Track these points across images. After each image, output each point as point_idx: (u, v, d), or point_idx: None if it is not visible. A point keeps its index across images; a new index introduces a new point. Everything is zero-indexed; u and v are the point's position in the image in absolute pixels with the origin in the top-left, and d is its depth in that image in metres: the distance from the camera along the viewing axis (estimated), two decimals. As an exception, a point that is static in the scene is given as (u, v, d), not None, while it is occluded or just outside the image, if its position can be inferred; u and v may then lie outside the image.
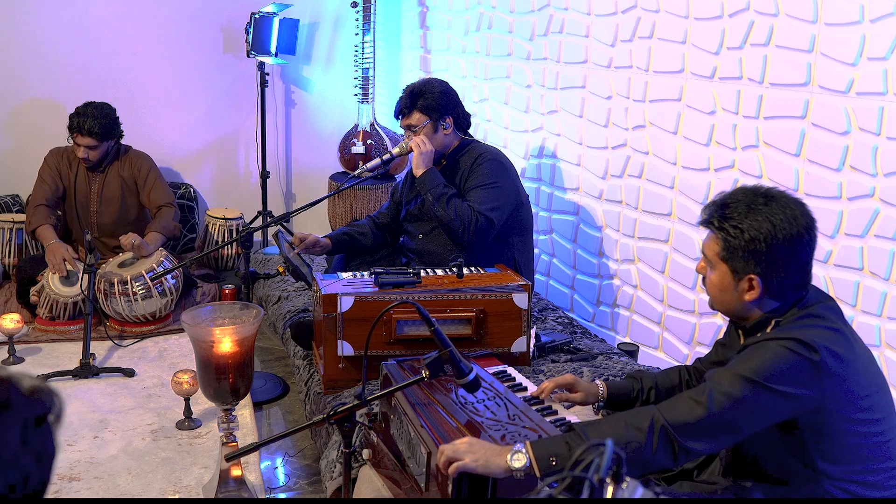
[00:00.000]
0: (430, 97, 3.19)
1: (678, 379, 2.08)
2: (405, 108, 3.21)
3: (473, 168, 3.18)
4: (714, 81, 2.95)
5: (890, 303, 2.44)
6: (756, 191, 1.75)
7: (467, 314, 2.66)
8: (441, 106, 3.20)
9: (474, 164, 3.19)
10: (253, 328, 2.48)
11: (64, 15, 4.55)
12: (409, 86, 3.27)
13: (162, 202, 4.13)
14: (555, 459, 1.66)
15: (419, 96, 3.20)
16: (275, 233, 3.27)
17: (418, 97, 3.20)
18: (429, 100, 3.18)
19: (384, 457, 2.16)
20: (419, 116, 3.19)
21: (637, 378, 2.10)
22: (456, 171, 3.24)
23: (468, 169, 3.20)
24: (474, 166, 3.19)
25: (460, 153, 3.26)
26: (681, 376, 2.09)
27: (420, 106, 3.19)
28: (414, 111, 3.20)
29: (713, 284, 1.81)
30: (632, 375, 2.12)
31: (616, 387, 2.09)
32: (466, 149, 3.27)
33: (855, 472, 1.69)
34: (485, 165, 3.17)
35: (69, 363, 3.50)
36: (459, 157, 3.26)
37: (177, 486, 2.68)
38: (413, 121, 3.20)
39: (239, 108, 4.99)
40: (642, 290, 3.41)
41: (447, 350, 1.90)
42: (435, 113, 3.19)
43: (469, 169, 3.20)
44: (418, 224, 3.30)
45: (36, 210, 4.02)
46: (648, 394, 2.06)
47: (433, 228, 3.23)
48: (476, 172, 3.17)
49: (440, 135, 3.22)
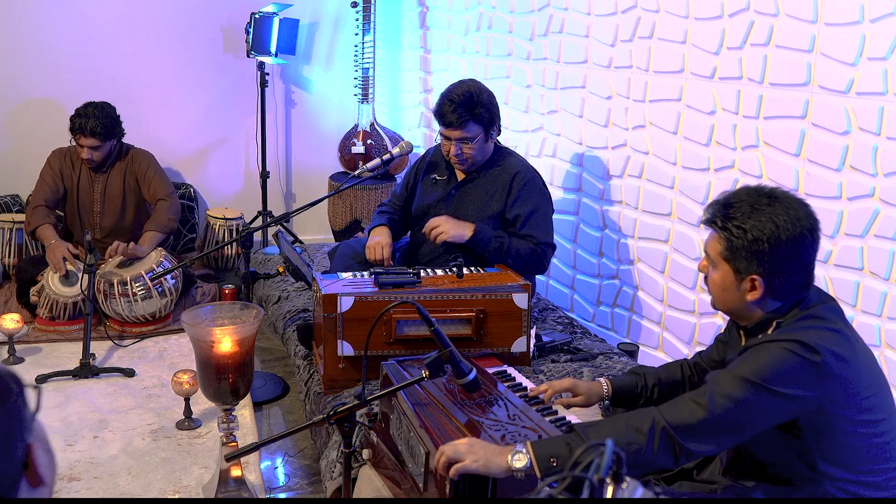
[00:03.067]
0: (486, 106, 2.99)
1: (680, 374, 2.09)
2: (461, 119, 2.96)
3: (517, 187, 3.05)
4: (714, 81, 2.95)
5: (890, 303, 2.44)
6: (760, 191, 1.75)
7: (467, 314, 2.66)
8: (492, 118, 3.03)
9: (515, 181, 3.06)
10: (253, 328, 2.47)
11: (64, 15, 4.55)
12: (455, 94, 3.00)
13: (161, 195, 4.13)
14: (555, 460, 1.66)
15: (476, 105, 2.98)
16: (275, 233, 3.27)
17: (476, 106, 2.97)
18: (485, 110, 2.99)
19: (384, 457, 2.16)
20: (475, 128, 3.00)
21: (640, 374, 2.09)
22: (492, 180, 3.11)
23: (508, 184, 3.07)
24: (517, 184, 3.05)
25: (496, 163, 3.13)
26: (682, 371, 2.09)
27: (477, 116, 2.98)
28: (471, 122, 2.98)
29: (715, 284, 1.81)
30: (633, 371, 2.12)
31: (620, 384, 2.09)
32: (502, 159, 3.14)
33: (856, 473, 1.69)
34: (530, 188, 3.06)
35: (69, 363, 3.50)
36: (496, 166, 3.13)
37: (177, 486, 2.68)
38: (470, 133, 3.00)
39: (239, 108, 4.99)
40: (642, 290, 3.41)
41: (447, 350, 1.90)
42: (489, 126, 3.03)
43: (510, 185, 3.06)
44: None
45: (35, 210, 4.02)
46: (652, 390, 2.06)
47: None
48: (524, 195, 3.05)
49: (490, 145, 3.09)
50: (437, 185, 3.23)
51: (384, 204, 3.40)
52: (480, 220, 3.10)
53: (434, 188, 3.24)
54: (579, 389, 2.09)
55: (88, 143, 3.94)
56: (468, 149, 3.04)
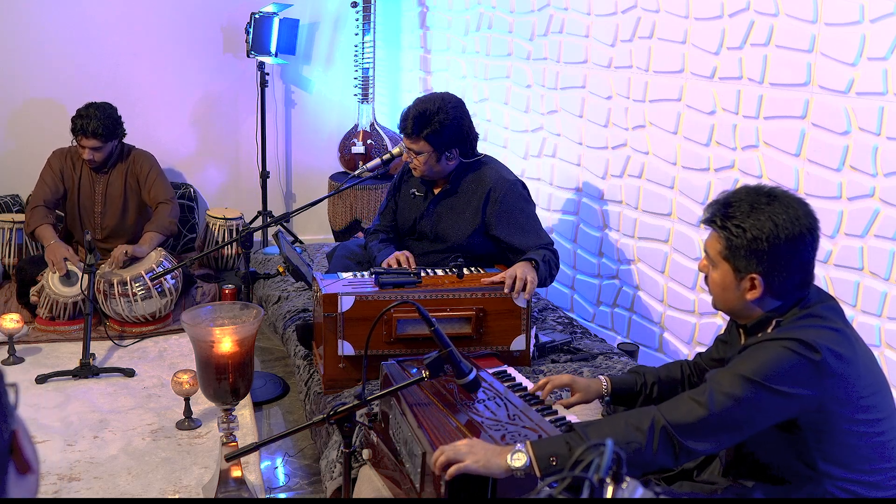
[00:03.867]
0: (439, 128, 2.94)
1: (680, 374, 2.09)
2: (411, 131, 2.98)
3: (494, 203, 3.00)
4: (714, 81, 2.95)
5: (890, 303, 2.44)
6: (759, 190, 1.75)
7: (467, 312, 2.67)
8: (449, 140, 2.98)
9: (492, 197, 3.00)
10: (253, 328, 2.47)
11: (64, 16, 4.55)
12: (418, 104, 3.01)
13: (161, 199, 4.13)
14: (555, 459, 1.66)
15: (427, 125, 2.95)
16: (275, 233, 3.27)
17: (427, 126, 2.95)
18: (437, 132, 2.94)
19: (384, 457, 2.16)
20: (423, 144, 2.98)
21: (640, 373, 2.10)
22: (467, 195, 3.07)
23: (484, 199, 3.02)
24: (494, 200, 3.00)
25: (466, 175, 3.08)
26: (682, 371, 2.09)
27: (426, 135, 2.96)
28: (419, 139, 2.97)
29: (715, 283, 1.81)
30: (634, 370, 2.13)
31: (620, 381, 2.09)
32: (474, 171, 3.08)
33: (856, 473, 1.69)
34: (510, 200, 3.01)
35: (69, 363, 3.50)
36: (466, 178, 3.08)
37: (177, 486, 2.68)
38: (417, 147, 2.99)
39: (239, 108, 4.99)
40: (642, 290, 3.41)
41: (447, 350, 1.90)
42: (442, 147, 2.98)
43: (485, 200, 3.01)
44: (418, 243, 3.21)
45: (34, 210, 4.02)
46: (651, 389, 2.06)
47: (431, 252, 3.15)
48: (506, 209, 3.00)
49: (442, 163, 3.03)
50: (416, 201, 3.20)
51: (375, 229, 3.31)
52: (459, 234, 3.07)
53: (413, 203, 3.21)
54: (578, 386, 2.08)
55: (90, 144, 3.94)
56: (417, 160, 3.02)
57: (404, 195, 3.26)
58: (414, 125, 2.97)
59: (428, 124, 2.95)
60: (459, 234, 3.08)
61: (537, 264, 2.86)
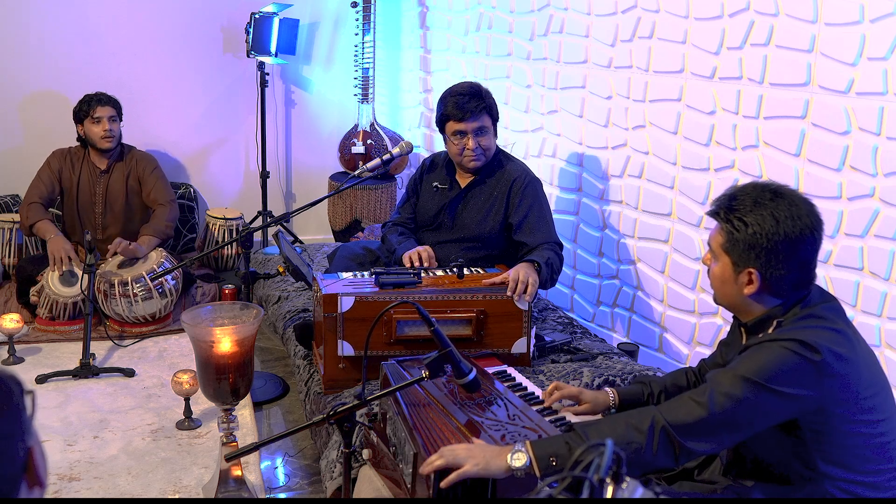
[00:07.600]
0: (493, 102, 3.06)
1: (685, 381, 2.08)
2: (476, 109, 2.99)
3: (516, 193, 3.07)
4: (714, 81, 2.95)
5: (890, 303, 2.44)
6: (766, 186, 1.76)
7: (468, 314, 2.66)
8: (497, 115, 3.11)
9: (514, 188, 3.07)
10: (253, 328, 2.47)
11: (64, 16, 4.55)
12: (463, 87, 3.06)
13: (161, 200, 4.14)
14: (555, 459, 1.66)
15: (486, 96, 3.03)
16: (275, 233, 3.27)
17: (486, 97, 3.03)
18: (492, 105, 3.05)
19: (384, 457, 2.16)
20: (487, 119, 3.03)
21: (646, 383, 2.09)
22: (492, 187, 3.13)
23: (507, 191, 3.08)
24: (516, 190, 3.07)
25: (496, 168, 3.14)
26: (688, 378, 2.09)
27: (489, 107, 3.03)
28: (485, 112, 3.02)
29: (715, 276, 1.82)
30: (640, 381, 2.12)
31: (627, 393, 2.09)
32: (501, 164, 3.15)
33: (856, 473, 1.69)
34: (529, 191, 3.07)
35: (69, 363, 3.50)
36: (496, 171, 3.14)
37: (177, 486, 2.68)
38: (482, 124, 3.02)
39: (239, 108, 4.99)
40: (642, 290, 3.41)
41: (447, 350, 1.90)
42: (495, 122, 3.09)
43: (509, 192, 3.08)
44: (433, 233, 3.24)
45: (31, 207, 4.01)
46: (658, 398, 2.05)
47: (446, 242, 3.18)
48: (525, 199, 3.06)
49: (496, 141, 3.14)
50: (439, 194, 3.22)
51: (394, 222, 3.31)
52: (482, 228, 3.12)
53: (436, 196, 3.23)
54: (585, 397, 2.10)
55: (106, 112, 3.99)
56: (485, 140, 3.06)
57: (426, 188, 3.28)
58: (479, 101, 3.02)
59: (486, 96, 3.05)
60: (481, 225, 3.12)
61: (539, 266, 2.86)
